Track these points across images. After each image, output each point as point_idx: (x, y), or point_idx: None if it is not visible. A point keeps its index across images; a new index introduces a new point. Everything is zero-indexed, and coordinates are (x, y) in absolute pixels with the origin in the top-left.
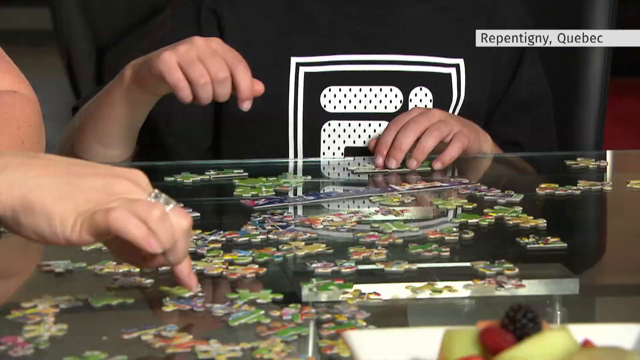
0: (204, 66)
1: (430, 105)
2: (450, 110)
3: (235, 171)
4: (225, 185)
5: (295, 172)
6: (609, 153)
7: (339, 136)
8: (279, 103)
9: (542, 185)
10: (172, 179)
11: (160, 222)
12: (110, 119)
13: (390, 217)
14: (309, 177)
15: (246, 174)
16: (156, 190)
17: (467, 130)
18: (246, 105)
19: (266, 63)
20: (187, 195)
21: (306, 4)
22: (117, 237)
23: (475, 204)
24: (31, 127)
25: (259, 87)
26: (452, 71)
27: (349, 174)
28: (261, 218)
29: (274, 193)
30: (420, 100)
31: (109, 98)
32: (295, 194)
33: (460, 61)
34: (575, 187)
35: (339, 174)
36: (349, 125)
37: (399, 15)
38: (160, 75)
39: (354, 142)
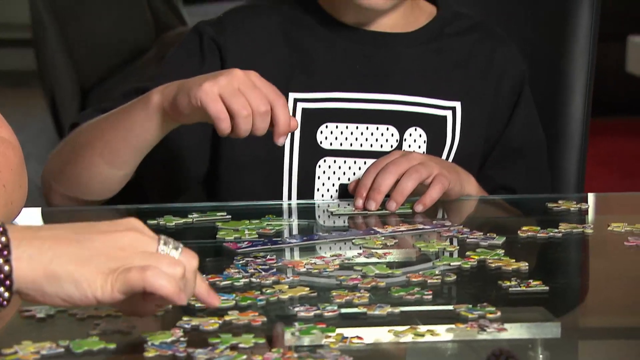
0: (246, 98)
1: (424, 146)
2: (445, 153)
3: (218, 214)
4: (208, 228)
5: (279, 214)
6: (590, 196)
7: (334, 173)
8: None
9: (524, 228)
10: (155, 222)
11: (183, 278)
12: (125, 141)
13: (373, 260)
14: (292, 220)
15: (229, 216)
16: (162, 237)
17: (447, 172)
18: (282, 140)
19: None
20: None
21: (305, 40)
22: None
23: (458, 247)
24: (12, 171)
25: (294, 124)
26: (448, 114)
27: (328, 216)
28: (244, 261)
29: (257, 236)
30: (415, 141)
31: (128, 121)
32: (278, 237)
33: (457, 104)
34: (556, 230)
35: (320, 216)
36: (344, 162)
37: (397, 55)
38: (200, 105)
39: (349, 179)
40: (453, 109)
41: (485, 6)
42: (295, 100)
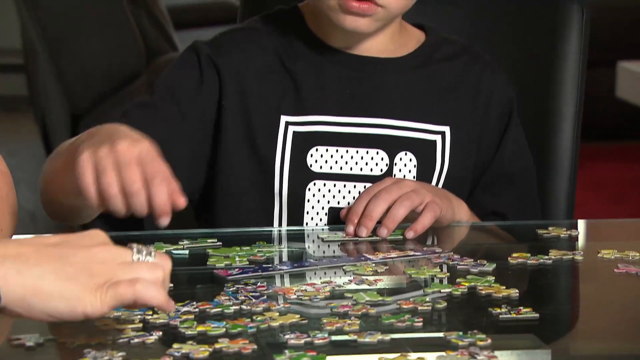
0: (118, 175)
1: (414, 170)
2: (434, 178)
3: (209, 241)
4: (199, 255)
5: (269, 240)
6: (580, 222)
7: (324, 196)
8: (266, 159)
9: (514, 255)
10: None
11: (165, 282)
12: (71, 194)
13: (364, 286)
14: (283, 247)
15: (220, 243)
16: (134, 245)
17: (439, 199)
18: (162, 222)
19: (257, 119)
20: None
21: (296, 64)
22: None
23: (448, 274)
24: (2, 199)
25: (180, 202)
26: (438, 138)
27: (319, 244)
28: (234, 288)
29: (247, 263)
30: (405, 165)
31: (64, 176)
32: (269, 263)
33: (447, 129)
34: (546, 257)
35: (312, 243)
36: (334, 185)
37: (387, 80)
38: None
39: (338, 202)
40: (442, 133)
41: (474, 32)
42: (287, 124)
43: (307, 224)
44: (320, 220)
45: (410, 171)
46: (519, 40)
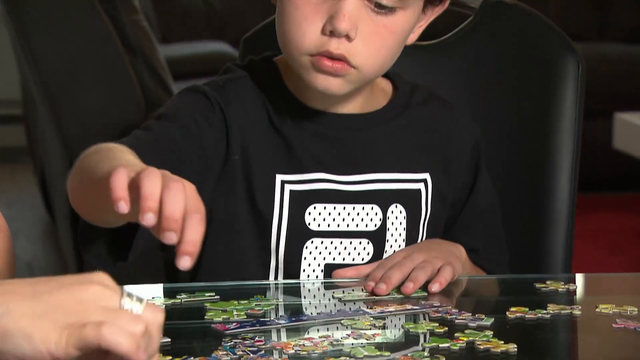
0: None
1: (404, 222)
2: (421, 225)
3: (206, 294)
4: (196, 309)
5: (267, 294)
6: (578, 276)
7: (320, 253)
8: (264, 217)
9: (512, 309)
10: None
11: (144, 335)
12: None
13: (362, 341)
14: (281, 300)
15: (218, 297)
16: (126, 290)
17: (452, 261)
18: (184, 263)
19: (256, 176)
20: None
21: (282, 123)
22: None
23: (446, 328)
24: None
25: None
26: (422, 186)
27: (319, 300)
28: (232, 343)
29: (245, 317)
30: (396, 218)
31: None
32: (266, 317)
33: (427, 176)
34: (545, 311)
35: (315, 297)
36: (331, 242)
37: (369, 135)
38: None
39: (334, 259)
40: (424, 180)
41: (468, 85)
42: (283, 182)
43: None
44: (317, 276)
45: (401, 223)
46: (514, 92)
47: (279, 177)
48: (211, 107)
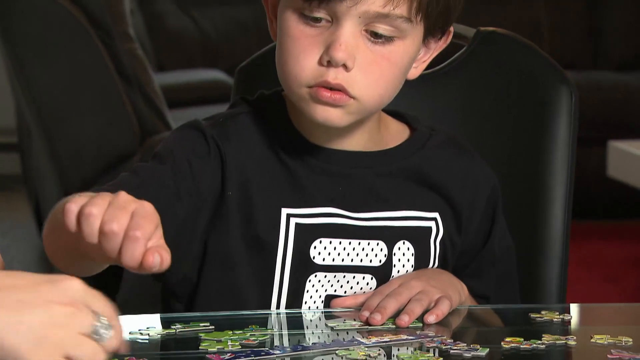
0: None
1: (412, 259)
2: (430, 264)
3: (201, 324)
4: (191, 339)
5: (263, 324)
6: (573, 306)
7: (322, 286)
8: (268, 251)
9: (507, 339)
10: (137, 331)
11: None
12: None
13: None
14: (276, 331)
15: (212, 327)
16: (98, 313)
17: (449, 291)
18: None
19: (259, 210)
20: (152, 349)
21: (287, 158)
22: None
23: (442, 358)
24: None
25: (148, 263)
26: (432, 224)
27: (312, 331)
28: None
29: (240, 347)
30: (403, 254)
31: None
32: (261, 347)
33: (437, 215)
34: (539, 342)
35: (310, 327)
36: (334, 276)
37: (380, 171)
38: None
39: (335, 291)
40: (435, 219)
41: (462, 114)
42: (288, 216)
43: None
44: (317, 307)
45: (408, 260)
46: (508, 122)
47: (285, 211)
48: (206, 145)
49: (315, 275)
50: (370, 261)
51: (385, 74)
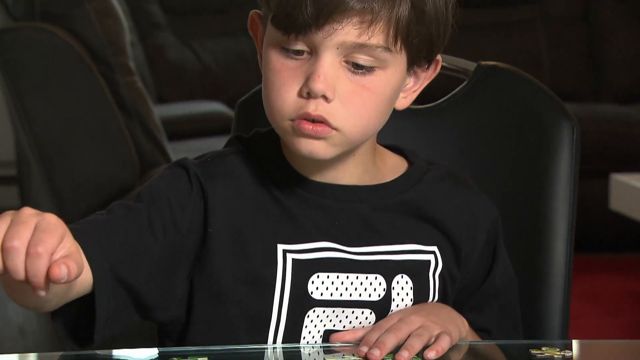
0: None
1: (410, 293)
2: (430, 298)
3: (199, 359)
4: None
5: (262, 358)
6: (574, 342)
7: (321, 321)
8: (265, 288)
9: None
10: None
11: None
12: None
13: None
14: None
15: None
16: None
17: (449, 327)
18: (39, 294)
19: (253, 247)
20: None
21: (282, 195)
22: None
23: None
24: None
25: (55, 274)
26: (431, 258)
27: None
28: None
29: None
30: (402, 288)
31: None
32: None
33: (436, 249)
34: None
35: None
36: (333, 311)
37: (376, 205)
38: None
39: (334, 326)
40: (434, 253)
41: (463, 148)
42: (285, 252)
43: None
44: (315, 342)
45: (407, 294)
46: (509, 157)
47: (281, 247)
48: (189, 182)
49: (314, 311)
50: (369, 295)
51: (367, 104)
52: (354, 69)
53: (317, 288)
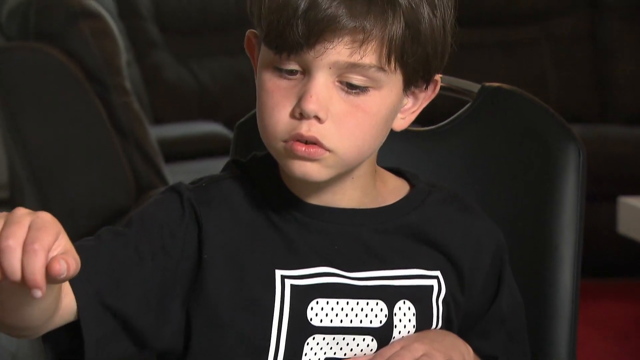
0: None
1: (413, 319)
2: (433, 324)
3: None
4: None
5: None
6: None
7: (321, 349)
8: (262, 315)
9: None
10: None
11: None
12: None
13: None
14: None
15: None
16: None
17: (455, 355)
18: (35, 294)
19: (250, 274)
20: None
21: (280, 220)
22: None
23: None
24: None
25: (54, 270)
26: (434, 283)
27: None
28: None
29: None
30: (404, 315)
31: None
32: None
33: (439, 273)
34: None
35: None
36: (333, 339)
37: (377, 229)
38: None
39: (335, 353)
40: (437, 277)
41: (469, 172)
42: (283, 278)
43: None
44: None
45: (410, 320)
46: (514, 180)
47: (279, 272)
48: (181, 208)
49: (314, 338)
50: (370, 322)
51: (362, 125)
52: (347, 89)
53: (316, 314)
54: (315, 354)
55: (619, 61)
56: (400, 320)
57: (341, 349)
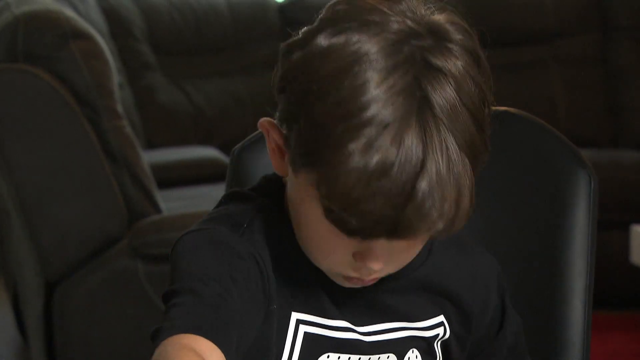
0: None
1: None
2: None
3: None
4: None
5: None
6: None
7: None
8: (269, 356)
9: None
10: None
11: None
12: None
13: None
14: None
15: None
16: None
17: None
18: None
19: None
20: None
21: (299, 263)
22: None
23: None
24: None
25: None
26: (440, 330)
27: None
28: None
29: None
30: None
31: None
32: None
33: (442, 318)
34: None
35: None
36: None
37: (385, 287)
38: None
39: None
40: (442, 324)
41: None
42: (298, 322)
43: None
44: None
45: None
46: (522, 208)
47: (295, 315)
48: (254, 261)
49: None
50: None
51: (412, 254)
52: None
53: None
54: None
55: (631, 83)
56: None
57: None
